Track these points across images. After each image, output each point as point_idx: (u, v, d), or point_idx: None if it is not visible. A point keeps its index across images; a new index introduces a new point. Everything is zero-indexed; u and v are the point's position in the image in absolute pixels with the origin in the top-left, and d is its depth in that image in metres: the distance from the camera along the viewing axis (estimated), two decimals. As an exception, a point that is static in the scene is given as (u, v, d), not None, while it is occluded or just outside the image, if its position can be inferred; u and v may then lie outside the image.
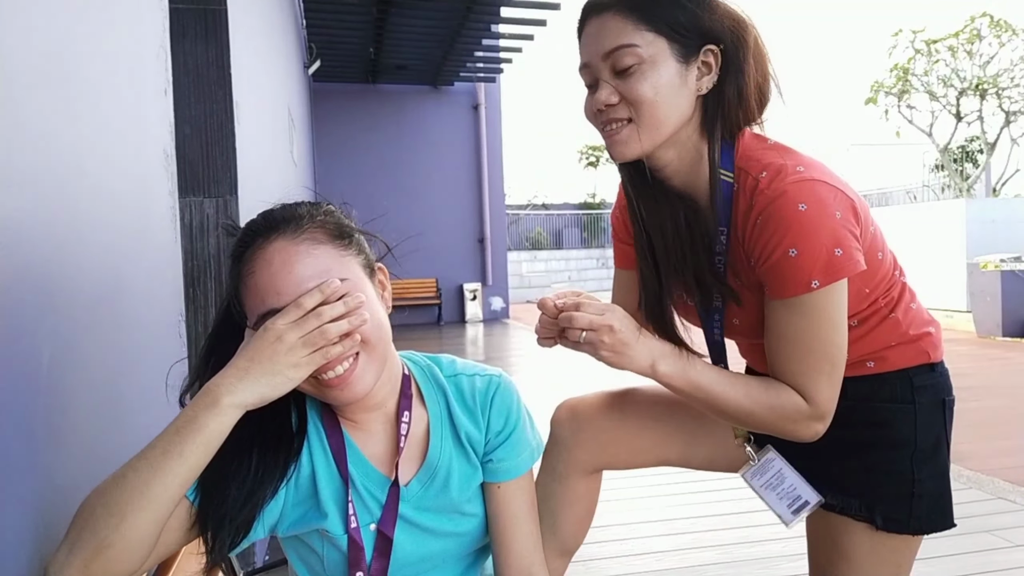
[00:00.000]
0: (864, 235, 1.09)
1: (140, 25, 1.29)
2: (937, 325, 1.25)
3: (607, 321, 1.01)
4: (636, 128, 1.08)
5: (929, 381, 1.21)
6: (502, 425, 1.03)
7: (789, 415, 1.09)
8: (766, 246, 1.04)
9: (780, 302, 1.06)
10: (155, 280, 1.32)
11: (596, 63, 1.09)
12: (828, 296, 1.03)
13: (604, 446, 1.32)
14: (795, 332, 1.06)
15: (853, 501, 1.20)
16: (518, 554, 1.01)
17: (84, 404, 0.92)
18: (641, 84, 1.06)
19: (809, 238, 1.01)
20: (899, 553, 1.20)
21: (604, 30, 1.07)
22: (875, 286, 1.15)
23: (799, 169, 1.05)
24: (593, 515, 1.40)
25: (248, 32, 2.50)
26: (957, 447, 3.93)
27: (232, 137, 1.97)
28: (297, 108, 5.79)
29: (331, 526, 0.93)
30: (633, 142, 1.09)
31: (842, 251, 1.01)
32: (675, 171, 1.14)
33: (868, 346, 1.19)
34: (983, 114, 16.43)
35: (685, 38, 1.07)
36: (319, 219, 0.91)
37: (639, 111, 1.07)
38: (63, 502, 0.82)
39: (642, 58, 1.05)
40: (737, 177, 1.11)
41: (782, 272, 1.03)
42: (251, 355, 0.81)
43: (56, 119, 0.86)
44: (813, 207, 1.01)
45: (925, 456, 1.18)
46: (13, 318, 0.72)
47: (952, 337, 8.91)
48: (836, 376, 1.09)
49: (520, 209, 20.36)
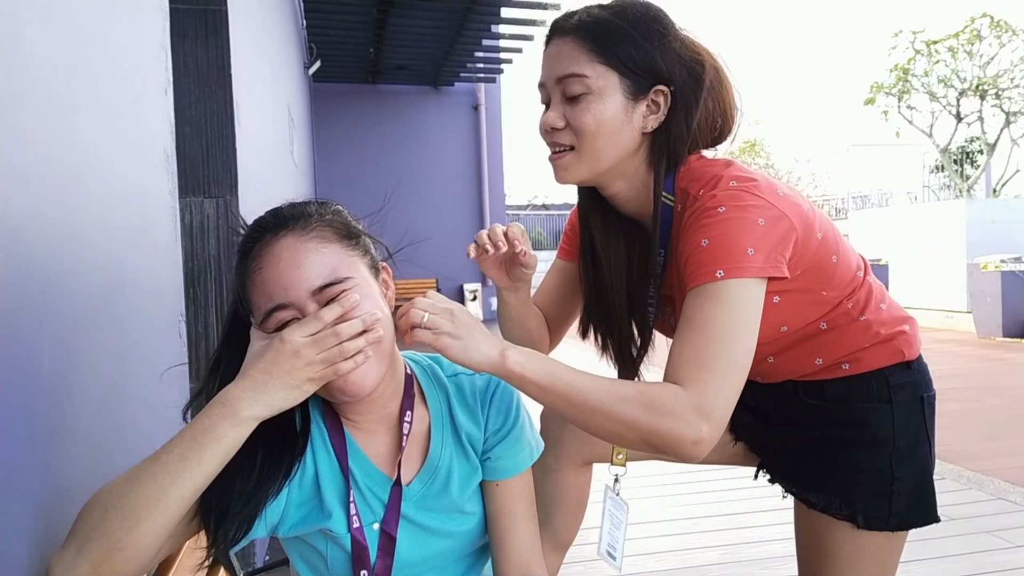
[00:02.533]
0: (806, 247, 1.08)
1: (140, 25, 1.29)
2: (912, 322, 1.24)
3: (447, 306, 0.92)
4: (577, 156, 1.12)
5: (906, 379, 1.21)
6: (501, 423, 1.04)
7: (663, 404, 0.93)
8: (686, 245, 1.04)
9: (690, 292, 1.02)
10: (155, 280, 1.32)
11: (550, 85, 1.13)
12: (735, 288, 0.98)
13: (591, 438, 1.33)
14: (698, 318, 0.99)
15: (833, 500, 1.21)
16: (517, 552, 1.01)
17: (84, 403, 0.92)
18: (585, 114, 1.09)
19: (722, 233, 1.01)
20: (883, 550, 1.21)
21: (561, 54, 1.11)
22: (833, 288, 1.15)
23: (732, 183, 1.05)
24: (585, 508, 1.41)
25: (248, 32, 2.50)
26: (957, 447, 3.93)
27: (232, 137, 1.97)
28: (297, 108, 5.80)
29: (335, 526, 0.94)
30: (573, 169, 1.14)
31: (755, 251, 0.99)
32: (626, 199, 1.18)
33: (841, 349, 1.19)
34: (983, 115, 16.44)
35: (637, 75, 1.09)
36: (327, 218, 0.92)
37: (580, 140, 1.11)
38: (64, 501, 0.82)
39: (590, 89, 1.08)
40: (678, 198, 1.13)
41: (692, 263, 1.02)
42: (268, 368, 0.81)
43: (56, 119, 0.86)
44: (732, 211, 1.01)
45: (903, 454, 1.19)
46: (13, 318, 0.72)
47: (952, 337, 8.91)
48: (733, 375, 0.96)
49: (520, 209, 20.38)
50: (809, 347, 1.20)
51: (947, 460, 3.60)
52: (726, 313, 0.97)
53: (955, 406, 5.01)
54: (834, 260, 1.14)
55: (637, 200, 1.17)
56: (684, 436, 0.92)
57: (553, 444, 1.32)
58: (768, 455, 1.34)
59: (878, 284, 1.23)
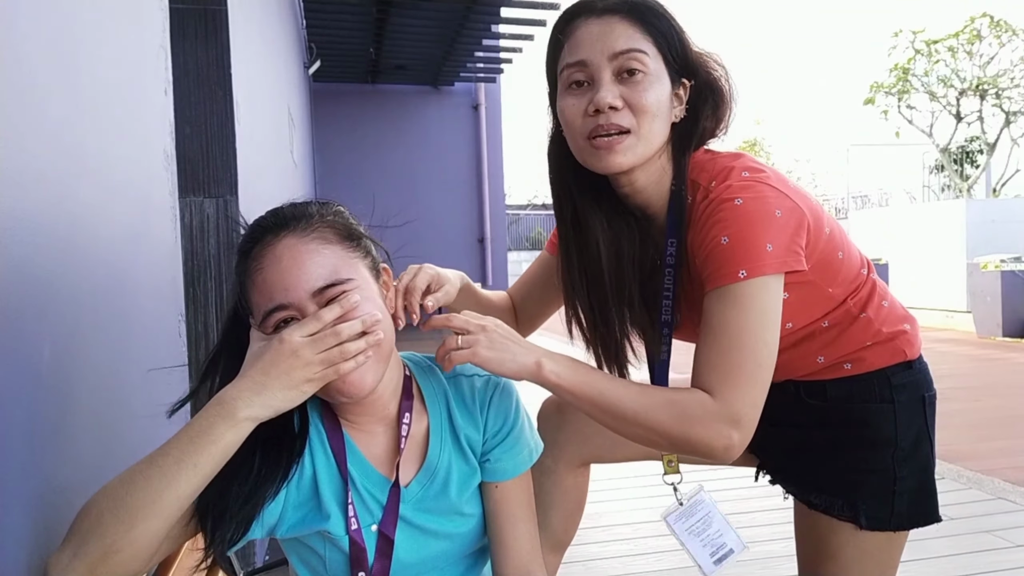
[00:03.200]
0: (816, 239, 1.08)
1: (140, 25, 1.29)
2: (913, 321, 1.25)
3: (481, 322, 0.96)
4: (636, 139, 1.06)
5: (907, 379, 1.21)
6: (500, 425, 1.03)
7: (693, 413, 0.98)
8: (704, 239, 1.04)
9: (711, 293, 1.03)
10: (155, 280, 1.32)
11: (599, 61, 1.06)
12: (758, 289, 1.00)
13: (588, 438, 1.33)
14: (722, 322, 1.01)
15: (836, 500, 1.21)
16: (516, 553, 1.01)
17: (84, 404, 0.92)
18: (648, 93, 1.06)
19: (742, 229, 1.00)
20: (884, 551, 1.20)
21: (613, 32, 1.06)
22: (838, 285, 1.15)
23: (744, 174, 1.06)
24: (583, 509, 1.41)
25: (248, 32, 2.50)
26: (957, 447, 3.93)
27: (232, 137, 1.97)
28: (297, 108, 5.79)
29: (333, 527, 0.93)
30: (631, 152, 1.07)
31: (774, 247, 1.00)
32: (640, 188, 1.15)
33: (843, 348, 1.19)
34: (983, 115, 16.44)
35: (675, 64, 1.10)
36: (329, 218, 0.91)
37: (640, 121, 1.06)
38: (63, 502, 0.82)
39: (648, 69, 1.06)
40: (689, 189, 1.12)
41: (713, 261, 1.02)
42: (267, 368, 0.80)
43: (56, 119, 0.86)
44: (750, 202, 1.02)
45: (906, 454, 1.19)
46: (13, 318, 0.72)
47: (952, 337, 8.91)
48: (759, 378, 1.00)
49: (520, 209, 20.36)
50: (811, 345, 1.20)
51: (947, 460, 3.60)
52: (750, 316, 1.00)
53: (955, 406, 5.01)
54: (840, 256, 1.14)
55: (652, 190, 1.15)
56: (715, 444, 0.98)
57: (551, 445, 1.32)
58: (769, 456, 1.34)
59: (881, 283, 1.24)
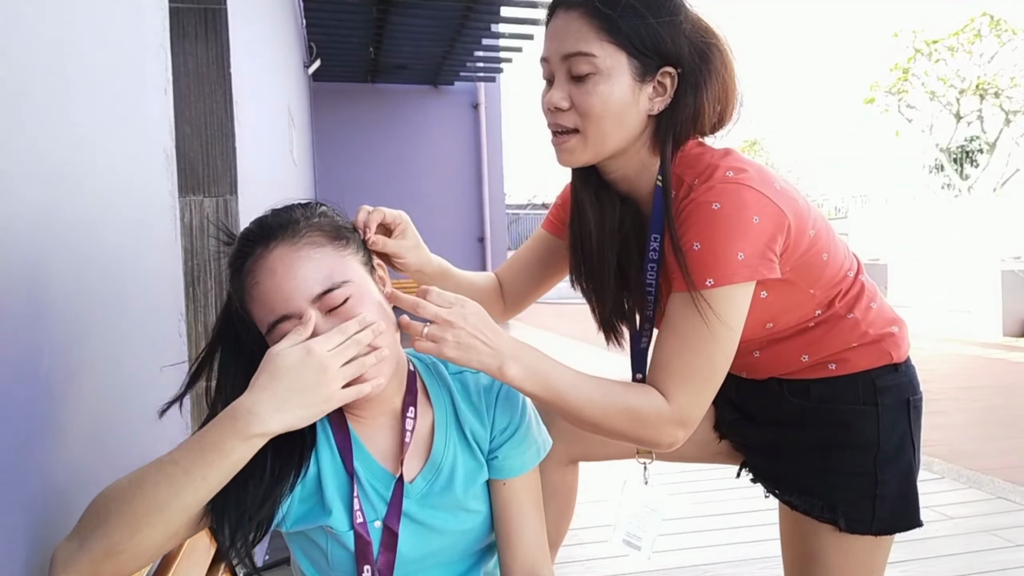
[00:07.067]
0: (798, 242, 1.07)
1: (140, 24, 1.29)
2: (902, 324, 1.23)
3: (449, 316, 0.92)
4: (583, 139, 1.08)
5: (892, 382, 1.19)
6: (507, 423, 1.04)
7: (648, 419, 1.03)
8: (679, 241, 1.04)
9: (676, 294, 1.04)
10: (155, 280, 1.32)
11: (554, 61, 1.07)
12: (723, 298, 1.00)
13: (576, 436, 1.32)
14: (684, 328, 1.02)
15: (816, 502, 1.20)
16: (523, 551, 1.01)
17: (84, 403, 0.92)
18: (592, 96, 1.04)
19: (714, 236, 1.00)
20: (868, 553, 1.19)
21: (568, 30, 1.05)
22: (820, 286, 1.14)
23: (728, 174, 1.04)
24: (573, 508, 1.41)
25: (248, 32, 2.50)
26: (957, 446, 3.93)
27: (232, 137, 1.97)
28: (297, 108, 5.79)
29: (335, 523, 0.94)
30: (578, 153, 1.10)
31: (745, 255, 0.99)
32: (623, 178, 1.15)
33: (828, 347, 1.18)
34: (983, 114, 16.44)
35: (646, 56, 1.04)
36: (315, 221, 0.91)
37: (586, 123, 1.06)
38: (63, 503, 0.82)
39: (598, 69, 1.03)
40: (673, 184, 1.10)
41: (683, 265, 1.02)
42: (291, 384, 0.78)
43: (56, 119, 0.86)
44: (727, 207, 1.00)
45: (888, 457, 1.18)
46: (12, 318, 0.72)
47: (952, 337, 8.90)
48: (713, 383, 1.05)
49: (520, 209, 20.36)
50: (796, 343, 1.19)
51: (947, 459, 3.60)
52: (712, 325, 1.00)
53: (955, 405, 5.01)
54: (824, 258, 1.13)
55: (635, 180, 1.15)
56: (662, 443, 1.06)
57: None
58: (752, 454, 1.33)
59: (870, 284, 1.22)
